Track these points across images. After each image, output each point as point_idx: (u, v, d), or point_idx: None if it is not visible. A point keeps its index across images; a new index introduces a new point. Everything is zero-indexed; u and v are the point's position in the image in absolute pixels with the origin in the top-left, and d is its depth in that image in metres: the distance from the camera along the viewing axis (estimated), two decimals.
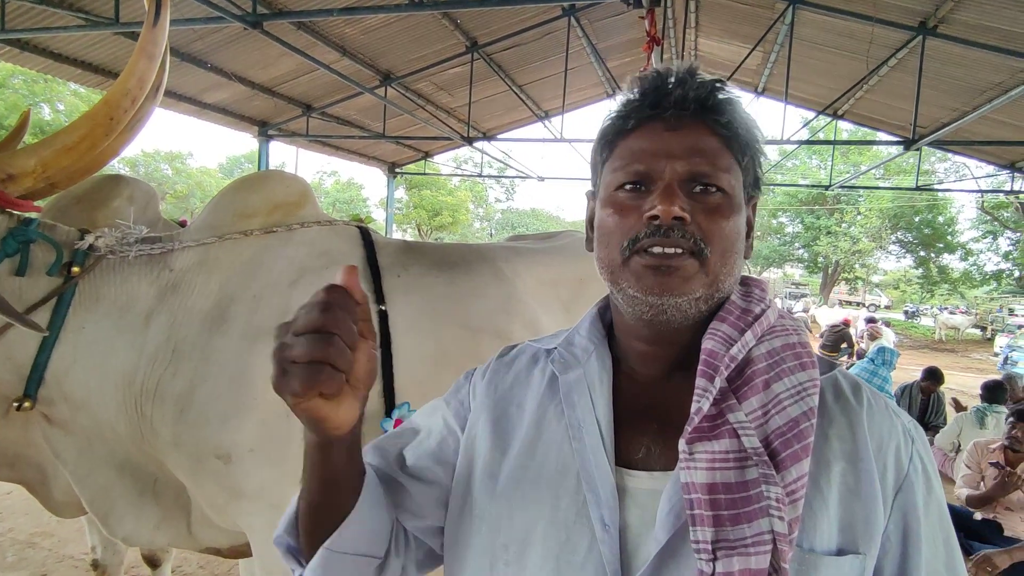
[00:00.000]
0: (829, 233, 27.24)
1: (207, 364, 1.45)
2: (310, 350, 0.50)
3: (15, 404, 1.38)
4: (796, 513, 0.54)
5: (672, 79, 0.64)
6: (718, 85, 0.65)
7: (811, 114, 10.08)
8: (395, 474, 0.73)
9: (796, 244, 30.84)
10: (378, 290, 1.67)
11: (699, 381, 0.60)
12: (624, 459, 0.64)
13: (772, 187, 27.40)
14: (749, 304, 0.66)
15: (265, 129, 10.08)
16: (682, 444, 0.57)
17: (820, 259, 29.26)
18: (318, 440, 0.59)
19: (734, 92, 0.66)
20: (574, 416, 0.67)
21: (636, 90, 0.66)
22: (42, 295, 1.37)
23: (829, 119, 10.28)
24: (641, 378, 0.70)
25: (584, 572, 0.60)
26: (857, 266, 28.76)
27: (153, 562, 2.40)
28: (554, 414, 0.70)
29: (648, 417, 0.66)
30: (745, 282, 0.70)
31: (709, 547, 0.54)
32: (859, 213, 26.66)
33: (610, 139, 0.68)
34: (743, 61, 7.85)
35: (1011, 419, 3.76)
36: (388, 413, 1.63)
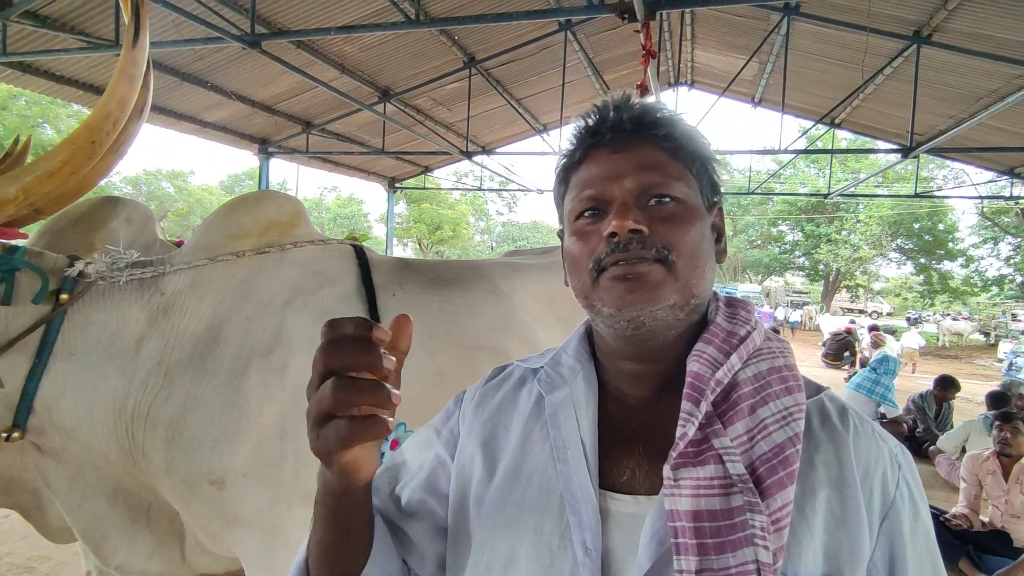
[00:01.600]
0: (829, 241, 27.26)
1: (199, 388, 1.43)
2: (356, 396, 0.46)
3: (4, 435, 1.35)
4: (781, 542, 0.53)
5: (608, 107, 0.67)
6: (654, 106, 0.67)
7: (809, 123, 10.11)
8: (394, 516, 0.72)
9: (796, 252, 30.87)
10: (373, 309, 1.66)
11: (684, 405, 0.59)
12: (608, 482, 0.63)
13: (771, 196, 27.54)
14: (734, 326, 0.66)
15: (266, 146, 10.13)
16: (667, 470, 0.57)
17: (821, 267, 29.25)
18: (341, 488, 0.56)
19: (669, 111, 0.68)
20: (559, 437, 0.67)
21: (579, 125, 0.69)
22: (29, 324, 1.34)
23: (827, 128, 10.31)
24: (628, 399, 0.69)
25: None
26: (858, 273, 28.74)
27: None
28: (539, 435, 0.69)
29: (634, 439, 0.66)
30: (731, 303, 0.70)
31: None
32: (859, 221, 26.70)
33: (563, 175, 0.71)
34: (739, 72, 7.90)
35: (997, 422, 3.74)
36: None
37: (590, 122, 0.68)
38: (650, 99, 0.70)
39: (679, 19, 7.90)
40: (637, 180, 0.63)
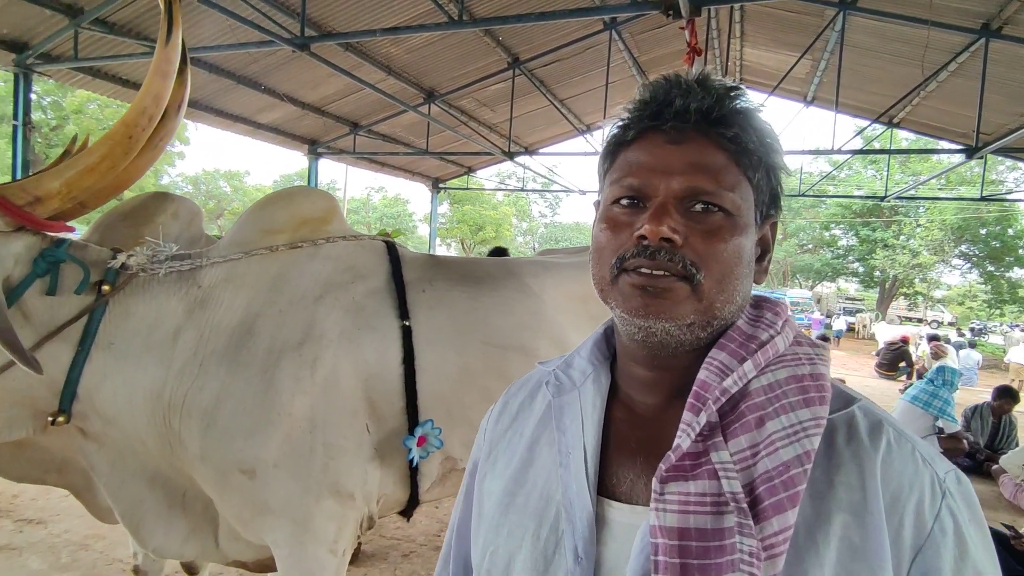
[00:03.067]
0: (886, 246, 26.05)
1: (233, 379, 1.47)
2: None
3: (50, 419, 1.42)
4: (774, 570, 0.49)
5: (677, 88, 0.59)
6: (731, 94, 0.59)
7: (865, 123, 9.68)
8: None
9: (850, 257, 29.62)
10: (402, 305, 1.67)
11: (685, 415, 0.56)
12: (608, 489, 0.61)
13: (823, 198, 26.53)
14: (756, 330, 0.61)
15: (315, 147, 10.43)
16: (654, 482, 0.53)
17: (876, 273, 27.97)
18: None
19: (749, 101, 0.60)
20: (563, 441, 0.65)
21: (640, 98, 0.62)
22: (73, 314, 1.40)
23: (884, 128, 9.84)
24: (637, 406, 0.66)
25: None
26: (917, 280, 27.34)
27: (191, 569, 2.45)
28: (547, 439, 0.68)
29: (639, 447, 0.63)
30: (758, 304, 0.65)
31: None
32: (919, 225, 25.40)
33: (611, 149, 0.65)
34: (790, 70, 7.63)
35: None
36: (411, 430, 1.62)
37: (653, 98, 0.60)
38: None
39: (728, 16, 7.69)
40: (687, 182, 0.57)
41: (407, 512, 1.82)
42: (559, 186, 13.81)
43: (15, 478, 1.74)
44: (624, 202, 0.61)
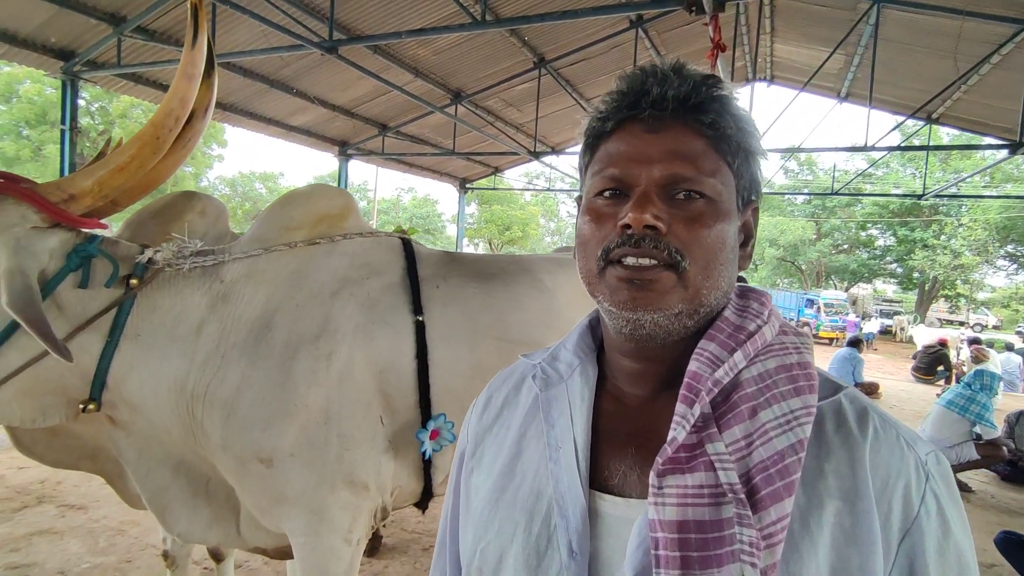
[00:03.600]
0: (926, 246, 25.17)
1: (252, 370, 1.52)
2: None
3: (81, 407, 1.49)
4: (773, 559, 0.49)
5: (653, 77, 0.60)
6: (707, 82, 0.60)
7: (902, 119, 9.38)
8: None
9: (888, 258, 28.72)
10: (417, 301, 1.70)
11: (678, 407, 0.56)
12: (600, 483, 0.61)
13: (859, 197, 25.78)
14: (744, 320, 0.61)
15: (345, 148, 10.61)
16: (652, 476, 0.54)
17: (916, 274, 27.05)
18: None
19: (725, 88, 0.61)
20: (553, 435, 0.65)
21: (617, 89, 0.62)
22: (103, 306, 1.48)
23: (923, 124, 9.52)
24: (626, 398, 0.66)
25: None
26: (959, 282, 26.35)
27: (217, 555, 2.54)
28: (534, 433, 0.67)
29: (629, 439, 0.62)
30: (744, 294, 0.65)
31: None
32: (961, 224, 24.46)
33: (591, 142, 0.65)
34: (822, 65, 7.45)
35: None
36: (424, 424, 1.66)
37: (631, 88, 0.61)
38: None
39: (757, 11, 7.56)
40: (667, 169, 0.57)
41: (422, 504, 1.86)
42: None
43: (51, 463, 1.84)
44: (607, 194, 0.61)
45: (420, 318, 1.68)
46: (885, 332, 23.20)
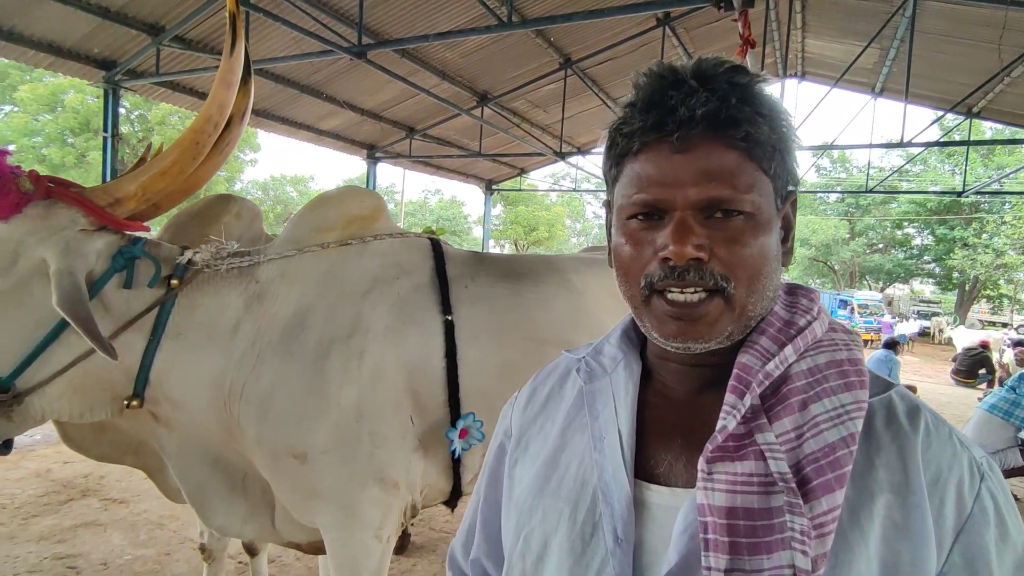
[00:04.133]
0: (966, 245, 24.29)
1: (286, 368, 1.56)
2: None
3: (126, 402, 1.55)
4: (823, 549, 0.49)
5: (676, 93, 0.56)
6: (733, 81, 0.56)
7: (941, 113, 9.10)
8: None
9: (925, 257, 27.82)
10: (446, 300, 1.72)
11: (728, 397, 0.56)
12: (645, 473, 0.62)
13: (894, 195, 25.05)
14: (793, 316, 0.61)
15: (373, 151, 10.77)
16: (701, 463, 0.54)
17: (955, 274, 26.14)
18: None
19: (750, 77, 0.57)
20: (597, 426, 0.65)
21: (637, 101, 0.59)
22: (146, 305, 1.53)
23: (962, 118, 9.22)
24: (671, 391, 0.66)
25: None
26: (1002, 282, 25.38)
27: (251, 550, 2.60)
28: (579, 425, 0.68)
29: (674, 430, 0.63)
30: (792, 291, 0.65)
31: (722, 575, 0.50)
32: (1004, 222, 23.54)
33: (615, 159, 0.62)
34: (855, 60, 7.27)
35: None
36: (453, 423, 1.67)
37: (652, 103, 0.57)
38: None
39: (788, 6, 7.42)
40: (702, 192, 0.55)
41: (451, 503, 1.88)
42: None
43: (96, 457, 1.91)
44: (640, 217, 0.59)
45: (449, 317, 1.69)
46: (923, 334, 22.48)
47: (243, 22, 1.51)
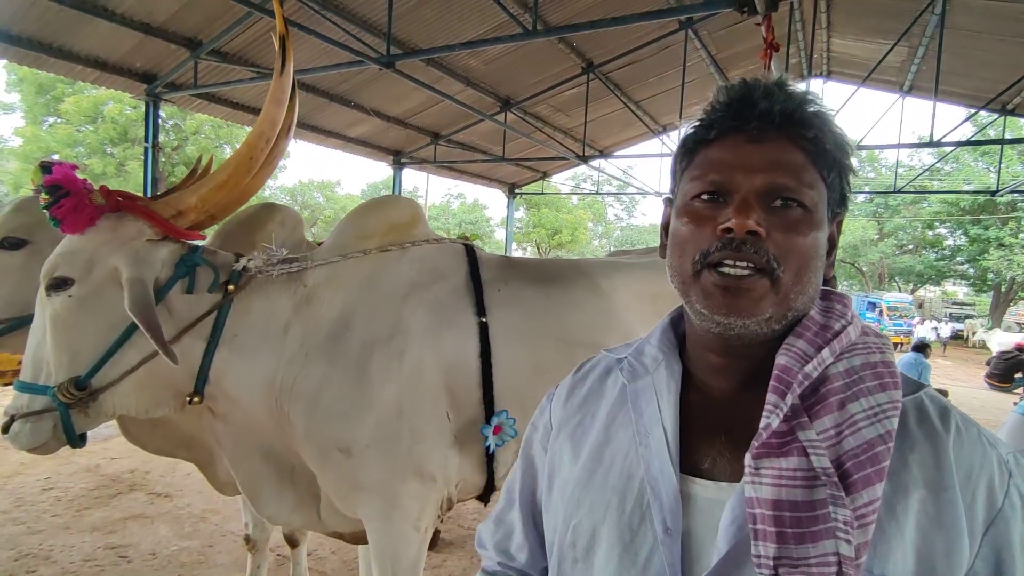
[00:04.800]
0: (1002, 245, 23.51)
1: (332, 368, 1.66)
2: None
3: (187, 399, 1.67)
4: (865, 538, 0.53)
5: (759, 91, 0.63)
6: (808, 98, 0.63)
7: (972, 111, 8.91)
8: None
9: (958, 258, 27.03)
10: (480, 303, 1.81)
11: (770, 396, 0.59)
12: (690, 467, 0.65)
13: (925, 194, 24.41)
14: (829, 320, 0.64)
15: (399, 157, 10.95)
16: (748, 458, 0.57)
17: (991, 276, 25.35)
18: None
19: (824, 106, 0.64)
20: (641, 423, 0.69)
21: (722, 99, 0.65)
22: (205, 310, 1.64)
23: (996, 115, 9.01)
24: (711, 391, 0.69)
25: (646, 573, 0.62)
26: None
27: (292, 542, 2.73)
28: (622, 421, 0.72)
29: (716, 428, 0.66)
30: (826, 296, 0.67)
31: (771, 563, 0.54)
32: None
33: (691, 147, 0.67)
34: (883, 59, 7.19)
35: None
36: (487, 420, 1.76)
37: (736, 98, 0.63)
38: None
39: (812, 6, 7.37)
40: (768, 178, 0.60)
41: (484, 497, 1.96)
42: (634, 188, 13.67)
43: (152, 451, 2.05)
44: (705, 197, 0.64)
45: (483, 319, 1.78)
46: (956, 337, 21.88)
47: (292, 44, 1.62)
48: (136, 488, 4.09)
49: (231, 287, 1.67)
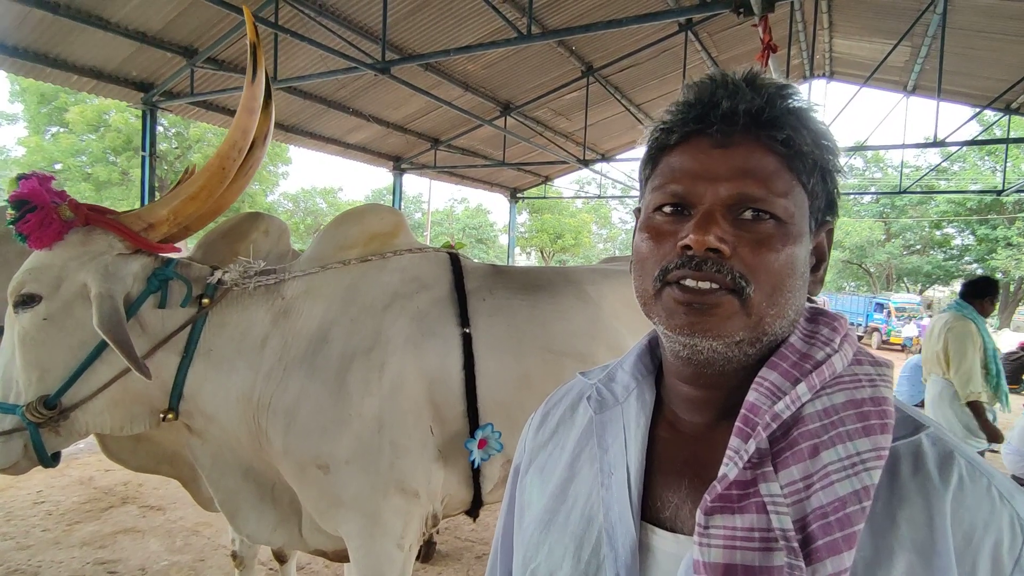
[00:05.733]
0: (1010, 245, 23.32)
1: (311, 381, 1.61)
2: None
3: (162, 416, 1.63)
4: None
5: (723, 89, 0.56)
6: (782, 93, 0.56)
7: (976, 111, 8.82)
8: None
9: (966, 258, 26.81)
10: (464, 313, 1.76)
11: (732, 441, 0.52)
12: (652, 514, 0.58)
13: (931, 194, 24.26)
14: (811, 348, 0.56)
15: (399, 163, 10.94)
16: (699, 514, 0.51)
17: (999, 275, 25.12)
18: None
19: (802, 99, 0.57)
20: (605, 459, 0.62)
21: (684, 100, 0.58)
22: (179, 324, 1.60)
23: (1000, 115, 8.91)
24: (683, 425, 0.62)
25: None
26: None
27: (281, 558, 2.67)
28: (589, 456, 0.65)
29: (684, 470, 0.59)
30: (814, 318, 0.59)
31: None
32: None
33: (652, 154, 0.61)
34: (885, 59, 7.12)
35: None
36: (472, 433, 1.70)
37: (698, 100, 0.57)
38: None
39: (813, 7, 7.31)
40: (734, 188, 0.54)
41: (473, 512, 1.90)
42: (638, 192, 13.59)
43: (134, 468, 2.00)
44: (667, 209, 0.57)
45: (467, 330, 1.73)
46: None
47: (263, 51, 1.58)
48: (129, 501, 4.05)
49: (205, 301, 1.63)
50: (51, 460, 1.58)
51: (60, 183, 1.75)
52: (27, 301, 1.51)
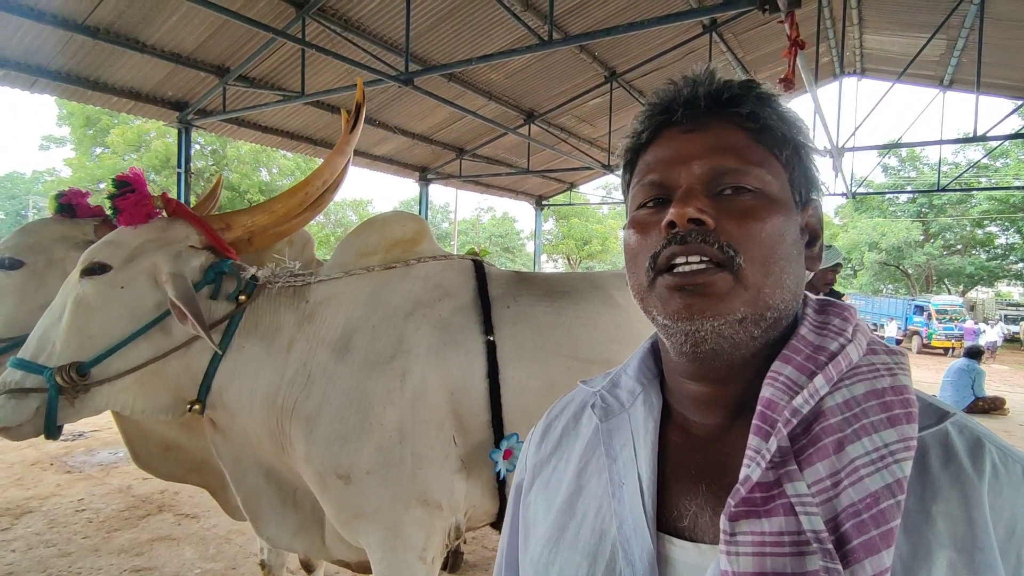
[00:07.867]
0: None
1: (332, 388, 1.61)
2: None
3: (188, 406, 1.66)
4: None
5: (683, 83, 0.58)
6: (742, 81, 0.58)
7: (1019, 103, 8.48)
8: None
9: (1012, 258, 25.73)
10: (487, 321, 1.73)
11: (751, 440, 0.49)
12: (669, 524, 0.55)
13: (971, 192, 23.39)
14: (823, 339, 0.54)
15: (425, 173, 11.05)
16: (723, 521, 0.48)
17: None
18: None
19: (763, 88, 0.58)
20: (614, 469, 0.59)
21: (649, 103, 0.61)
22: (221, 316, 1.67)
23: None
24: (694, 427, 0.59)
25: None
26: None
27: (308, 567, 2.67)
28: (596, 467, 0.62)
29: (699, 475, 0.56)
30: (823, 309, 0.58)
31: None
32: None
33: (630, 158, 0.63)
34: (919, 53, 6.90)
35: None
36: (496, 444, 1.67)
37: (662, 99, 0.59)
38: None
39: (842, 2, 7.15)
40: (708, 164, 0.54)
41: (499, 525, 1.87)
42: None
43: (163, 476, 2.03)
44: (650, 204, 0.58)
45: (491, 338, 1.70)
46: (1012, 340, 20.75)
47: (364, 109, 1.75)
48: (165, 509, 4.13)
49: (242, 297, 1.68)
50: (55, 431, 1.56)
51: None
52: (97, 269, 1.59)
